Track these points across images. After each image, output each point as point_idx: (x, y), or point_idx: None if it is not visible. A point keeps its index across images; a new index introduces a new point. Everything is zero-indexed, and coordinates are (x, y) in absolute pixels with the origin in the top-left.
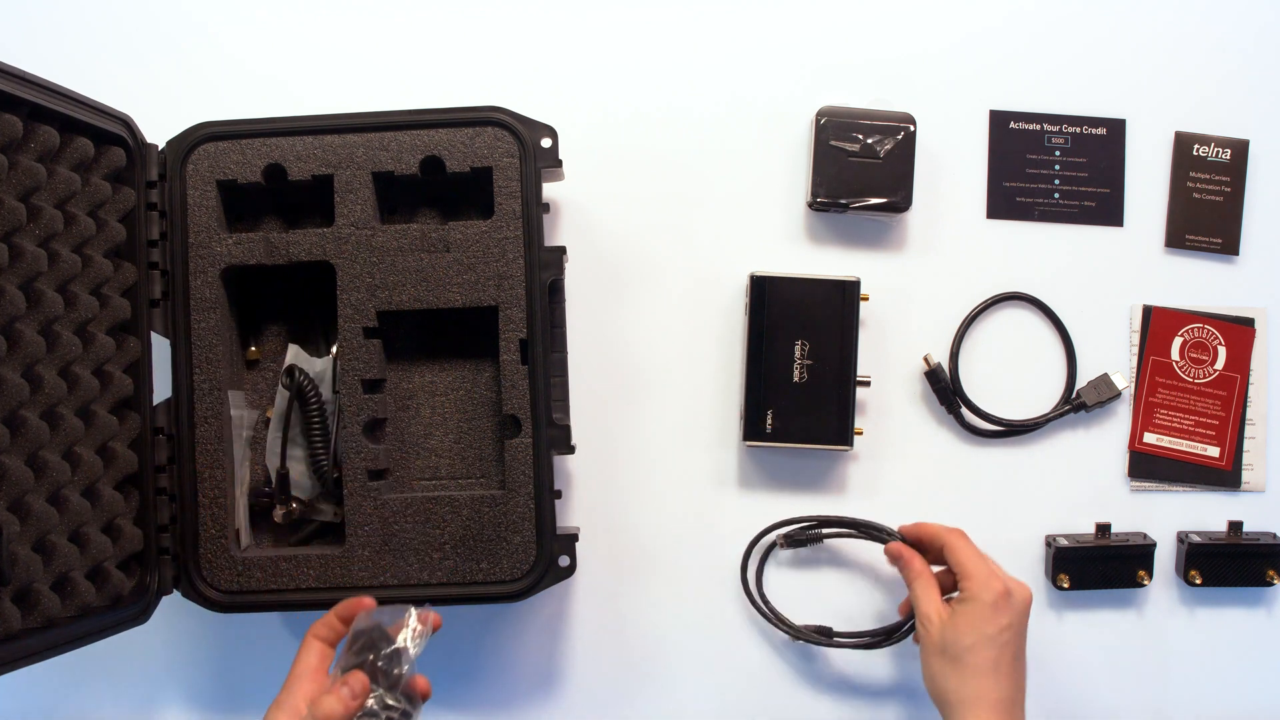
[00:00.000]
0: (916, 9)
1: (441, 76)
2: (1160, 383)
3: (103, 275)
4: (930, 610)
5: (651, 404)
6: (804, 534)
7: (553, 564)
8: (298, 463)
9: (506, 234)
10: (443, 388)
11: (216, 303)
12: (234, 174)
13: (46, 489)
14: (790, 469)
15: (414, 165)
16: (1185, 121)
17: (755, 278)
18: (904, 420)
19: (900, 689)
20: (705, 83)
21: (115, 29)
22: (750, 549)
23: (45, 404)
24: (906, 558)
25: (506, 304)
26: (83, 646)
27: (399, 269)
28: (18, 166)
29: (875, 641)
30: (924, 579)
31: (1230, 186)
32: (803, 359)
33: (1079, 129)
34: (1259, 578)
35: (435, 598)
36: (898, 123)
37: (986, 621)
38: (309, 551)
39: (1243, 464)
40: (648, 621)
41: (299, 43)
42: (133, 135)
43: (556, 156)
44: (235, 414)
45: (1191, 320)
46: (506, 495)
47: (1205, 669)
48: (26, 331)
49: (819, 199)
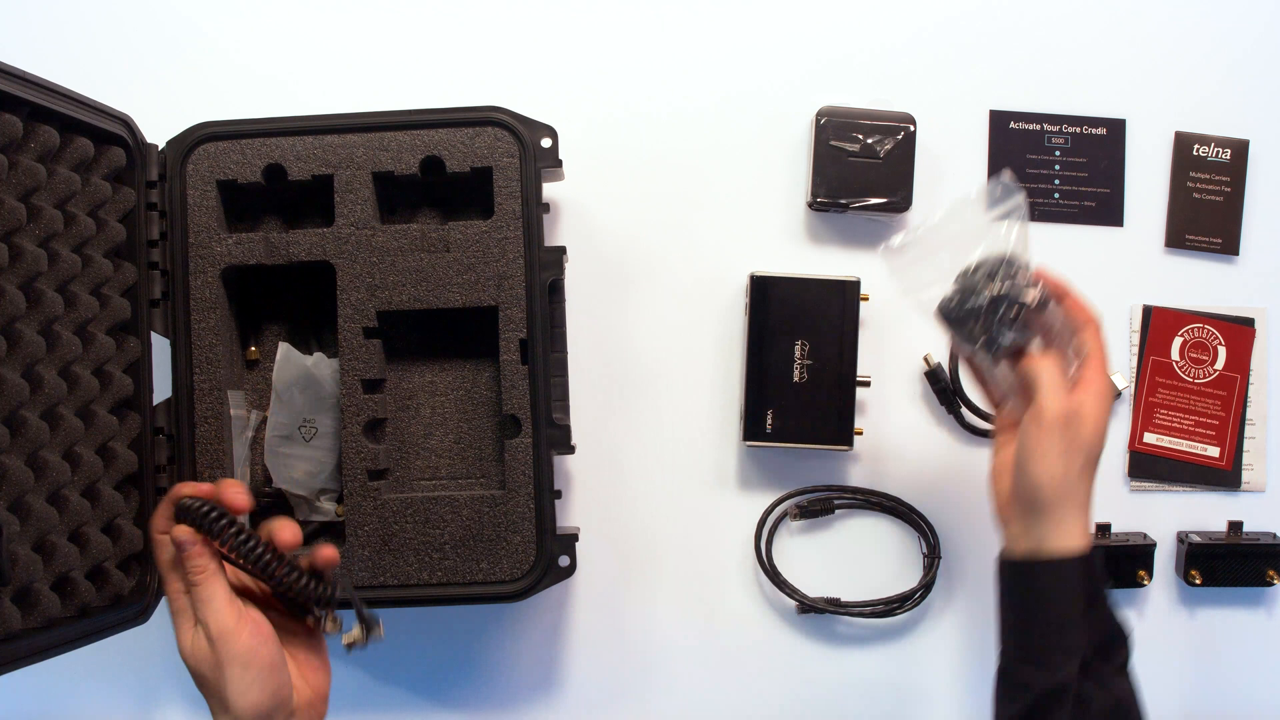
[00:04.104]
0: (917, 9)
1: (441, 76)
2: (1160, 383)
3: (103, 275)
4: (1066, 398)
5: (651, 404)
6: (817, 504)
7: (553, 564)
8: (299, 461)
9: (506, 234)
10: (443, 388)
11: (216, 303)
12: (234, 174)
13: (46, 489)
14: (790, 469)
15: (414, 165)
16: (1185, 121)
17: (755, 278)
18: (904, 420)
19: (909, 662)
20: (705, 83)
21: (115, 29)
22: (765, 517)
23: (45, 404)
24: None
25: (506, 304)
26: (83, 646)
27: (399, 269)
28: (18, 166)
29: (888, 610)
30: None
31: (1230, 186)
32: (803, 359)
33: (1079, 129)
34: (1259, 578)
35: (435, 598)
36: (898, 123)
37: (1106, 426)
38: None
39: (1243, 464)
40: (648, 621)
41: (299, 43)
42: (133, 135)
43: (556, 156)
44: (235, 414)
45: (1191, 320)
46: (506, 495)
47: (1205, 669)
48: (26, 331)
49: (819, 199)
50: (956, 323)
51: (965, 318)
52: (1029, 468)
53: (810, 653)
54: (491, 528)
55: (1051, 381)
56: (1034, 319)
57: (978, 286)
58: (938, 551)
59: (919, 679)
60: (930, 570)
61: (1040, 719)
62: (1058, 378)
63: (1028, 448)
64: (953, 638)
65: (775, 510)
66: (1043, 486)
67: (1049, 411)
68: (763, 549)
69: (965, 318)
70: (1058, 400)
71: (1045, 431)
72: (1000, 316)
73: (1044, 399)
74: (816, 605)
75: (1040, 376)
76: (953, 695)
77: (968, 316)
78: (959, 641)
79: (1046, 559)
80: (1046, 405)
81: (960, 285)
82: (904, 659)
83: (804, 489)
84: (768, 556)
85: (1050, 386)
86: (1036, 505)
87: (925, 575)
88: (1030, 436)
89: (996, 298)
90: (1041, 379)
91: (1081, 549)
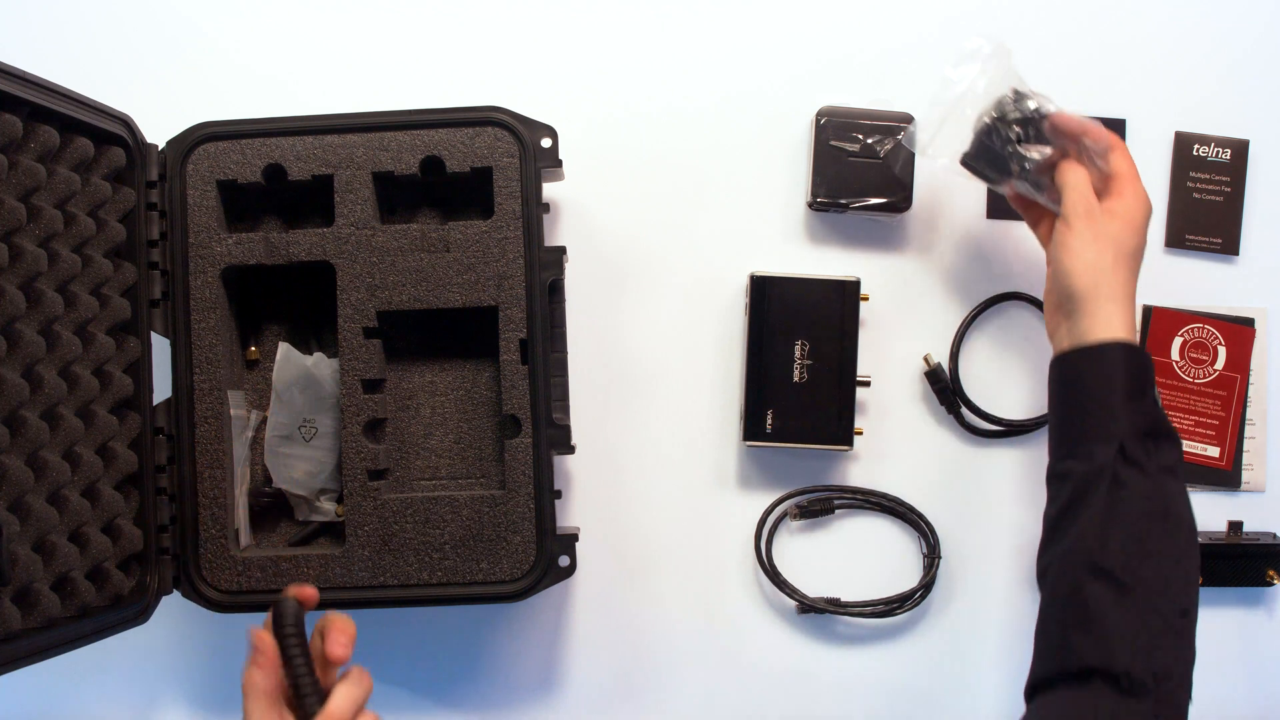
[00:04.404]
0: (917, 9)
1: (441, 76)
2: (1160, 383)
3: (103, 275)
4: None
5: (651, 404)
6: (817, 504)
7: (553, 564)
8: (299, 461)
9: (506, 234)
10: (443, 388)
11: (216, 303)
12: (234, 174)
13: (46, 489)
14: (790, 469)
15: (414, 165)
16: (1185, 121)
17: (755, 278)
18: (904, 420)
19: (909, 662)
20: (705, 83)
21: (115, 29)
22: (765, 517)
23: (45, 404)
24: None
25: (506, 304)
26: (83, 646)
27: (399, 269)
28: (18, 166)
29: (888, 610)
30: (1080, 167)
31: (1230, 186)
32: (803, 359)
33: None
34: (1259, 578)
35: (435, 598)
36: (898, 123)
37: (1144, 229)
38: (309, 551)
39: (1243, 464)
40: (647, 621)
41: (299, 43)
42: (133, 135)
43: (556, 156)
44: (235, 414)
45: (1191, 320)
46: (506, 495)
47: (1205, 669)
48: (26, 331)
49: (819, 199)
50: (986, 163)
51: (992, 154)
52: (1060, 262)
53: (810, 653)
54: (491, 528)
55: (1076, 181)
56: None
57: (992, 123)
58: (938, 551)
59: (919, 679)
60: (930, 570)
61: (1078, 505)
62: (1083, 177)
63: (1058, 244)
64: (953, 638)
65: (775, 510)
66: (1073, 274)
67: (1074, 207)
68: (763, 549)
69: (992, 154)
70: (1082, 197)
71: (1072, 227)
72: (1022, 138)
73: (1069, 196)
74: (816, 605)
75: (1066, 179)
76: (953, 695)
77: (993, 152)
78: (959, 641)
79: (1084, 346)
80: (1071, 201)
81: (977, 130)
82: (904, 659)
83: (804, 489)
84: (768, 556)
85: (1074, 185)
86: (1071, 298)
87: (925, 575)
88: (1059, 233)
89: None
90: (1067, 180)
91: (1120, 338)
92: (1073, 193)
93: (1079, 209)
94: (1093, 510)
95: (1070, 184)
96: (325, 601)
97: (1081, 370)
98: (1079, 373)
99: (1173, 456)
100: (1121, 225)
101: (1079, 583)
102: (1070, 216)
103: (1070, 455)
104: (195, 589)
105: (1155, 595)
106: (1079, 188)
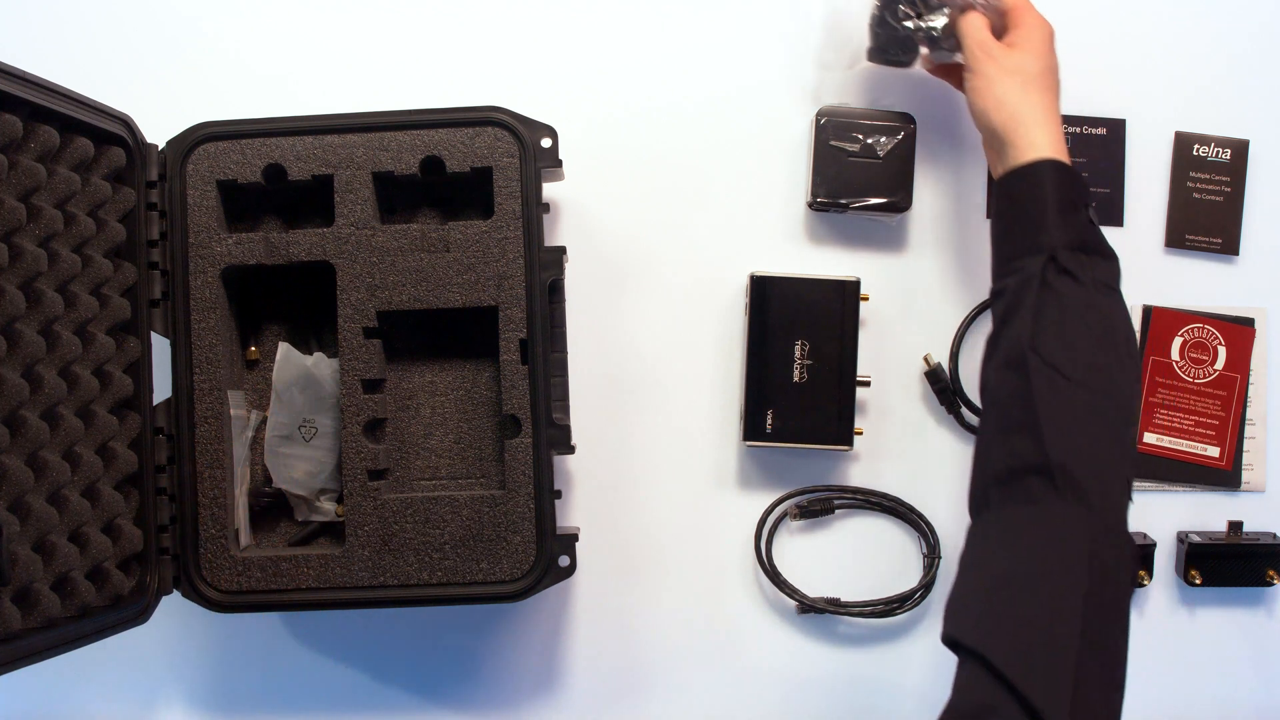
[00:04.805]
0: None
1: (441, 76)
2: (1160, 383)
3: (103, 275)
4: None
5: (651, 404)
6: (817, 504)
7: (553, 564)
8: (299, 461)
9: (506, 234)
10: (443, 388)
11: (216, 303)
12: (234, 174)
13: (46, 489)
14: (790, 469)
15: (414, 165)
16: (1185, 121)
17: (755, 278)
18: (904, 420)
19: (909, 662)
20: (705, 82)
21: (115, 29)
22: (765, 517)
23: (45, 404)
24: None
25: (506, 304)
26: (83, 646)
27: (399, 269)
28: (18, 166)
29: (888, 610)
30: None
31: (1230, 186)
32: (803, 359)
33: (1079, 129)
34: (1259, 578)
35: (435, 598)
36: (898, 123)
37: (1049, 52)
38: (309, 551)
39: (1243, 464)
40: (647, 621)
41: (299, 43)
42: (133, 135)
43: (556, 156)
44: (235, 414)
45: (1191, 320)
46: (506, 495)
47: (1205, 669)
48: (26, 331)
49: (819, 199)
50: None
51: (894, 38)
52: (974, 105)
53: (810, 653)
54: (491, 528)
55: (970, 28)
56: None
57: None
58: (938, 551)
59: (919, 679)
60: (930, 570)
61: (1012, 313)
62: (977, 23)
63: (970, 90)
64: None
65: (775, 510)
66: (988, 112)
67: (972, 51)
68: (763, 549)
69: (894, 38)
70: (978, 41)
71: (976, 70)
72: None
73: (966, 43)
74: (816, 605)
75: (962, 29)
76: None
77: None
78: None
79: (1013, 168)
80: (969, 47)
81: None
82: (904, 659)
83: (804, 489)
84: (768, 556)
85: (969, 33)
86: (995, 134)
87: (925, 575)
88: (968, 81)
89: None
90: (963, 30)
91: (1046, 156)
92: (969, 39)
93: (978, 52)
94: (1024, 311)
95: (966, 32)
96: (325, 601)
97: (1012, 191)
98: (1010, 194)
99: (1111, 273)
100: (1023, 53)
101: (1019, 377)
102: (972, 61)
103: (1006, 274)
104: (195, 589)
105: (1097, 395)
106: (974, 34)
